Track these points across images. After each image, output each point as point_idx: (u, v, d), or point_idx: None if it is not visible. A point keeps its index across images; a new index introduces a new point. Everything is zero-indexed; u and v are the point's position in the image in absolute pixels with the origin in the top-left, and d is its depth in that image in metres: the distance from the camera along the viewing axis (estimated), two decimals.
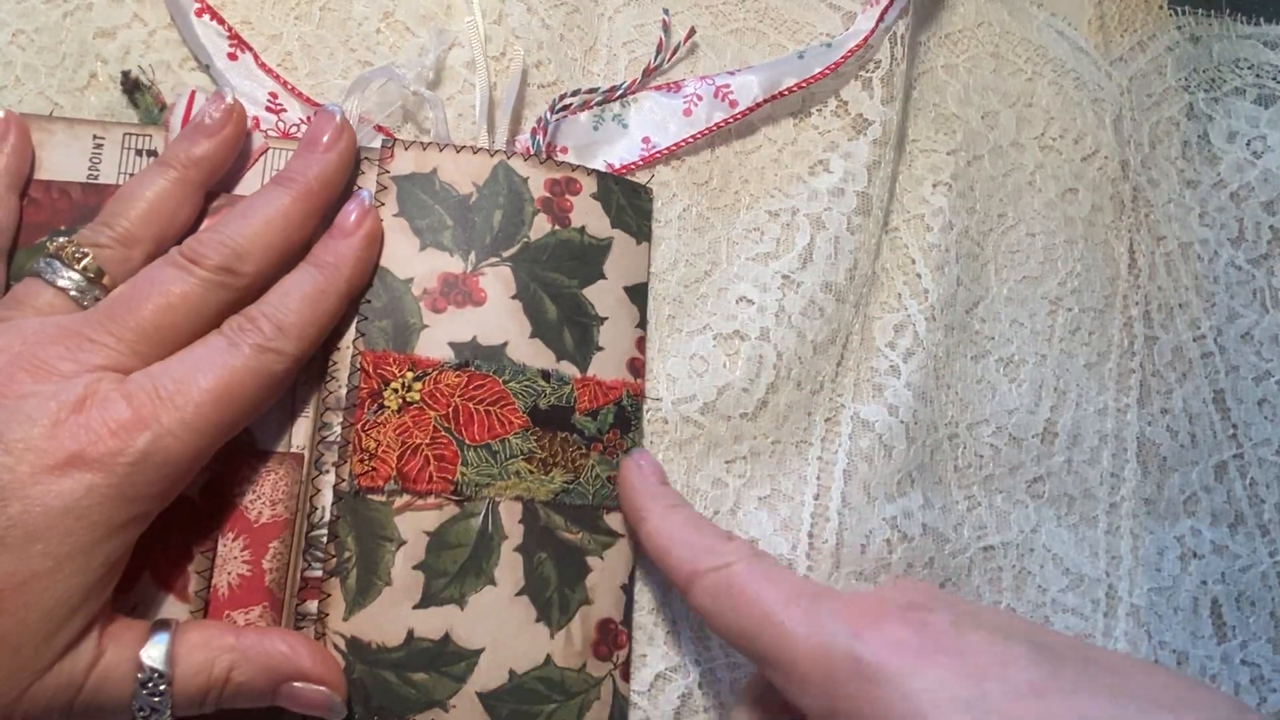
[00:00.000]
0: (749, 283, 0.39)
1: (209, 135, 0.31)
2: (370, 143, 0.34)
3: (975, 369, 0.42)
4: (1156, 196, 0.46)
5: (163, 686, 0.26)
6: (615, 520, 0.34)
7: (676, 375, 0.37)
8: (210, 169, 0.31)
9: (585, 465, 0.33)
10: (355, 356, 0.32)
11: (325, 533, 0.31)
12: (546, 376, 0.33)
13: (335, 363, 0.32)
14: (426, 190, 0.34)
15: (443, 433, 0.32)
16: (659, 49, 0.39)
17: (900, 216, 0.42)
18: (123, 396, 0.26)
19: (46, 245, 0.29)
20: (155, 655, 0.26)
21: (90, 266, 0.29)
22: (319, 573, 0.31)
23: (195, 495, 0.30)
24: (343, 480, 0.31)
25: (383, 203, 0.33)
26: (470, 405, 0.32)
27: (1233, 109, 0.47)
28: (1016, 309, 0.43)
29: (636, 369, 0.35)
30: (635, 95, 0.39)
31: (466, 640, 0.31)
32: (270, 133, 0.34)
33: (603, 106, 0.38)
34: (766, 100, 0.39)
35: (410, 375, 0.32)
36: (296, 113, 0.35)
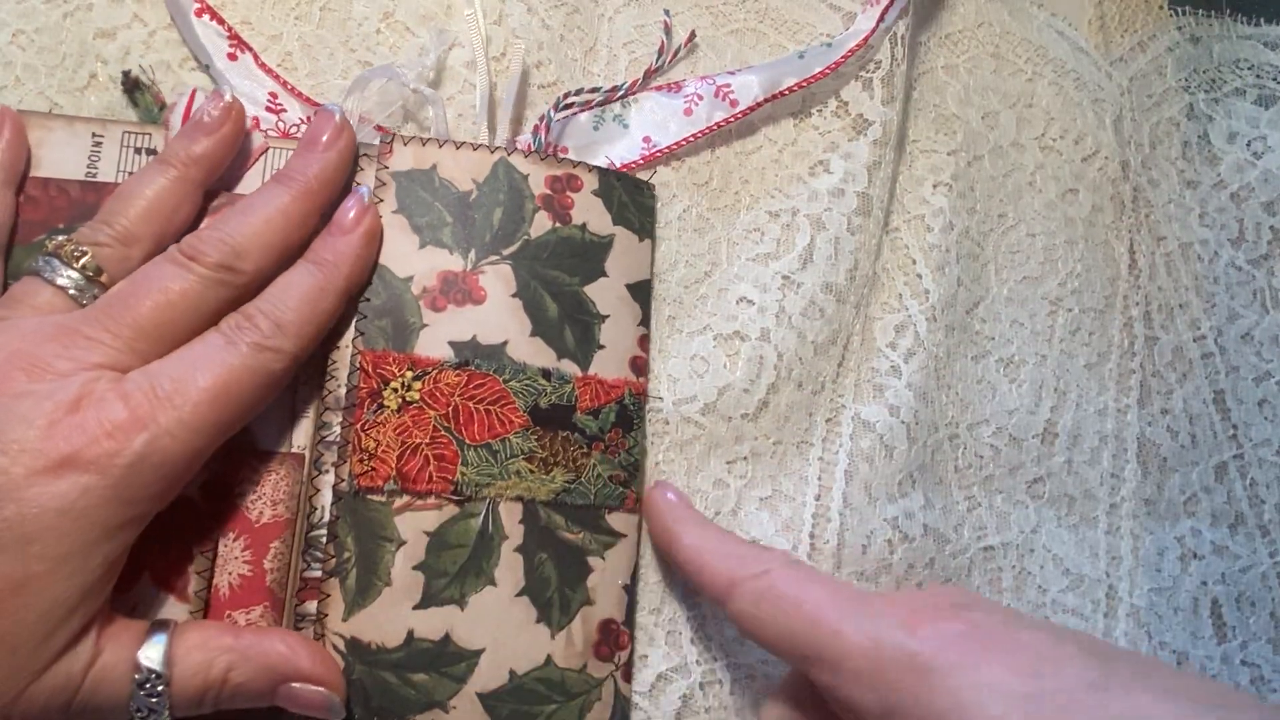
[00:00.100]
0: (749, 283, 0.39)
1: (208, 133, 0.31)
2: (370, 141, 0.34)
3: (975, 369, 0.42)
4: (1157, 197, 0.46)
5: (160, 687, 0.26)
6: (616, 520, 0.34)
7: (677, 376, 0.37)
8: (210, 167, 0.31)
9: (586, 465, 0.33)
10: (355, 356, 0.32)
11: (324, 533, 0.31)
12: (547, 375, 0.33)
13: (334, 362, 0.32)
14: (426, 187, 0.33)
15: (443, 432, 0.32)
16: (660, 51, 0.39)
17: (901, 217, 0.42)
18: (119, 396, 0.26)
19: (45, 243, 0.29)
20: (153, 656, 0.26)
21: (89, 265, 0.28)
22: (318, 573, 0.30)
23: (195, 495, 0.30)
24: (342, 480, 0.31)
25: (382, 199, 0.33)
26: (470, 404, 0.32)
27: (1233, 109, 0.47)
28: (1017, 309, 0.43)
29: (639, 367, 0.35)
30: (636, 95, 0.39)
31: (467, 641, 0.31)
32: (270, 132, 0.34)
33: (603, 107, 0.38)
34: (767, 100, 0.39)
35: (410, 374, 0.32)
36: (296, 113, 0.35)
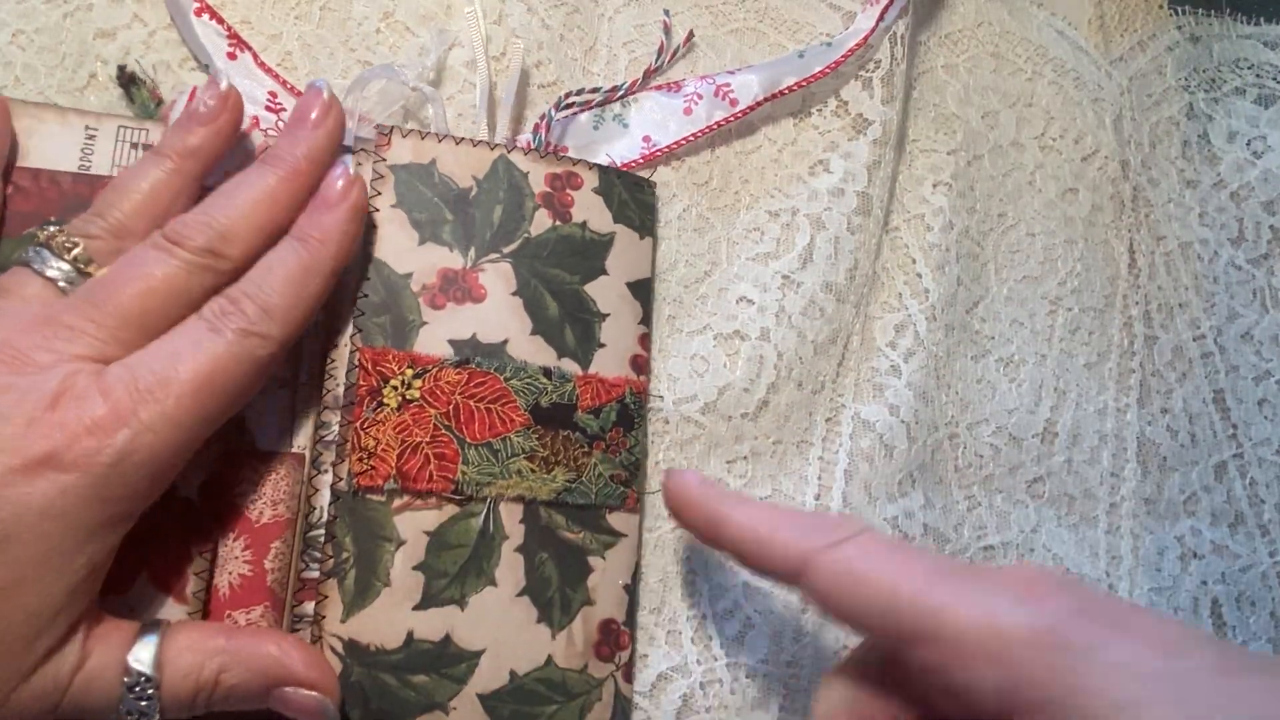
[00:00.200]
0: (749, 283, 0.39)
1: (204, 123, 0.30)
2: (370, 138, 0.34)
3: (975, 369, 0.42)
4: (1156, 196, 0.46)
5: (150, 690, 0.25)
6: (617, 520, 0.34)
7: (677, 375, 0.37)
8: (206, 159, 0.30)
9: (587, 464, 0.33)
10: (354, 353, 0.31)
11: (323, 533, 0.30)
12: (548, 374, 0.33)
13: (333, 360, 0.32)
14: (425, 182, 0.33)
15: (443, 431, 0.31)
16: (660, 50, 0.39)
17: (900, 216, 0.42)
18: (99, 392, 0.25)
19: (36, 234, 0.28)
20: (143, 658, 0.25)
21: (80, 257, 0.27)
22: (316, 574, 0.30)
23: (194, 496, 0.30)
24: (341, 479, 0.31)
25: (379, 192, 0.33)
26: (471, 403, 0.32)
27: (1233, 109, 0.47)
28: (1016, 309, 0.43)
29: (640, 366, 0.35)
30: (635, 95, 0.39)
31: (467, 641, 0.31)
32: (270, 132, 0.34)
33: (603, 106, 0.38)
34: (767, 99, 0.39)
35: (410, 372, 0.32)
36: None
